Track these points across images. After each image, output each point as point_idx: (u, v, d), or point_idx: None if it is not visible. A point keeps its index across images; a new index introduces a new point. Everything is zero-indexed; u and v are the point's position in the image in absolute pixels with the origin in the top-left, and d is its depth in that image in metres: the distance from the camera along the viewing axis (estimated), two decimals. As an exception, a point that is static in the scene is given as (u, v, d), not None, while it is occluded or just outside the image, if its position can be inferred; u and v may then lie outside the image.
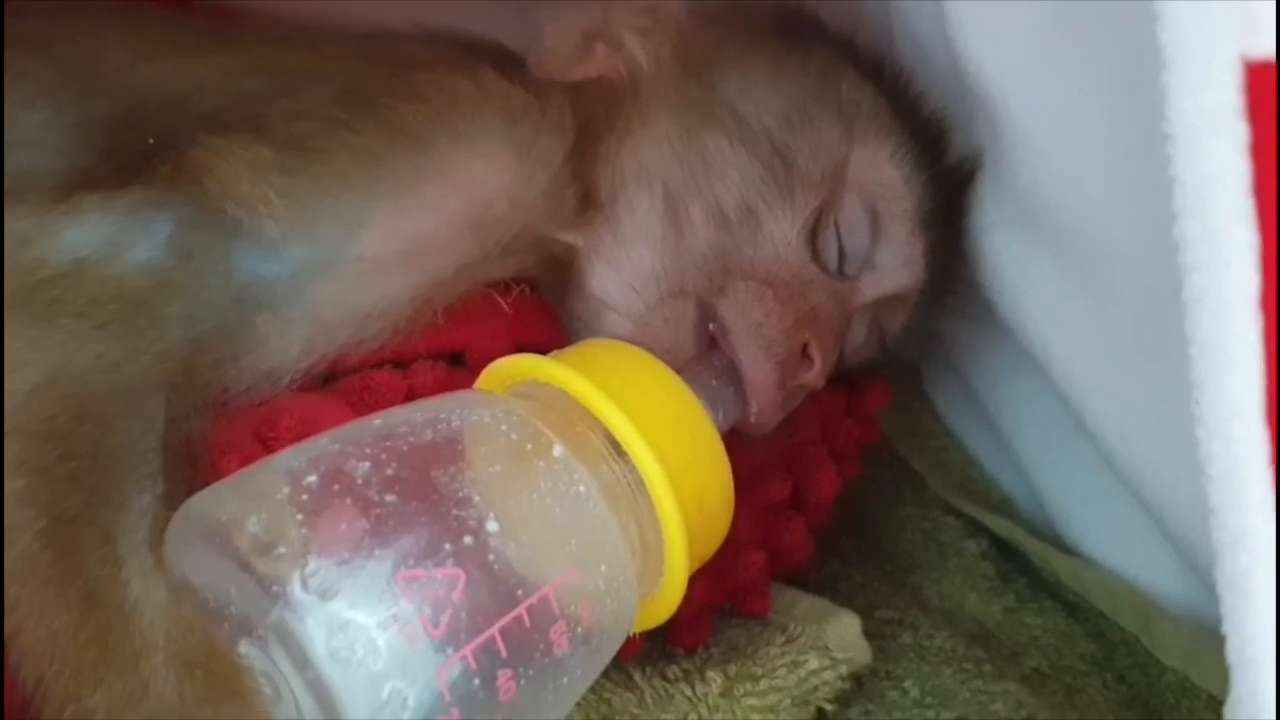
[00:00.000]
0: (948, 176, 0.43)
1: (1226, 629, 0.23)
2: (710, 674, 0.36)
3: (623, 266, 0.39)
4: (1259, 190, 0.21)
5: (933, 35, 0.43)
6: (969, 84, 0.40)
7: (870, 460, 0.50)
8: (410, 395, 0.37)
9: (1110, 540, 0.44)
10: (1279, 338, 0.21)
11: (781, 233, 0.39)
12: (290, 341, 0.36)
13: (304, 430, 0.34)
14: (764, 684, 0.37)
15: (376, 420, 0.31)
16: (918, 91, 0.44)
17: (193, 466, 0.33)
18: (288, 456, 0.29)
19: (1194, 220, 0.21)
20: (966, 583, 0.47)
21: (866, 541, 0.49)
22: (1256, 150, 0.21)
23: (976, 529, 0.49)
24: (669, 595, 0.33)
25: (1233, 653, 0.23)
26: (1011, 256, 0.42)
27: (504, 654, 0.28)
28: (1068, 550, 0.46)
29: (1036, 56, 0.37)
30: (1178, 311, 0.23)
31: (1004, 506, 0.50)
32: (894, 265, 0.41)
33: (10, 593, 0.29)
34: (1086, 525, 0.45)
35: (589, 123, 0.41)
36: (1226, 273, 0.21)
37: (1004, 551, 0.48)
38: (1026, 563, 0.47)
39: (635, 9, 0.44)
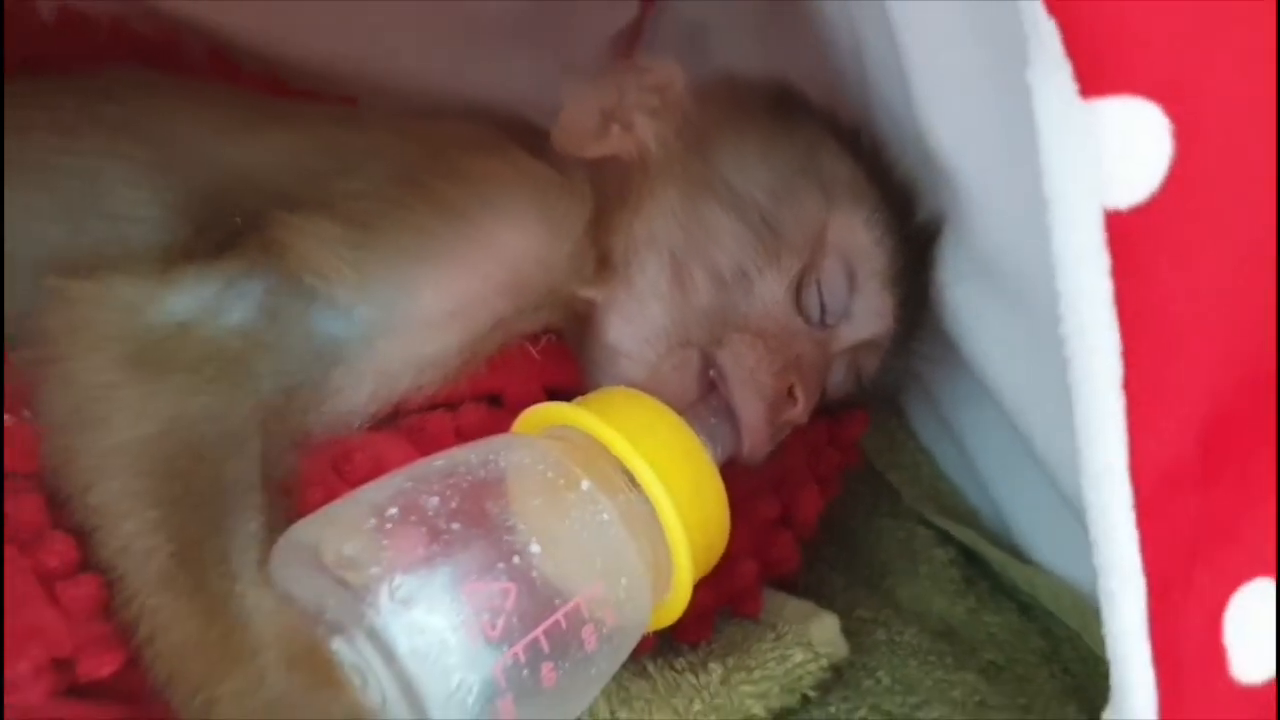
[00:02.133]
0: (915, 237, 0.50)
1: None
2: (712, 665, 0.43)
3: (635, 320, 0.46)
4: (1120, 302, 0.28)
5: (903, 110, 0.49)
6: (931, 155, 0.47)
7: (852, 478, 0.57)
8: (459, 433, 0.44)
9: (1056, 549, 0.51)
10: (1138, 413, 0.28)
11: (771, 291, 0.46)
12: (361, 390, 0.43)
13: (374, 464, 0.41)
14: (757, 674, 0.44)
15: (439, 461, 0.38)
16: (890, 160, 0.51)
17: (286, 496, 0.40)
18: (371, 492, 0.36)
19: (1072, 323, 0.28)
20: (935, 586, 0.53)
21: (848, 550, 0.56)
22: (1116, 274, 0.27)
23: (945, 539, 0.56)
24: (677, 601, 0.40)
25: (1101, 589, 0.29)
26: (969, 306, 0.49)
27: (546, 650, 0.35)
28: (1022, 558, 0.53)
29: (985, 135, 0.44)
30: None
31: (969, 518, 0.57)
32: (868, 315, 0.48)
33: (150, 603, 0.36)
34: (1036, 536, 0.52)
35: (606, 195, 0.48)
36: (1095, 360, 0.28)
37: (969, 558, 0.55)
38: (988, 569, 0.54)
39: (646, 88, 0.51)
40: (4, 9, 0.45)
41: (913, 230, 0.50)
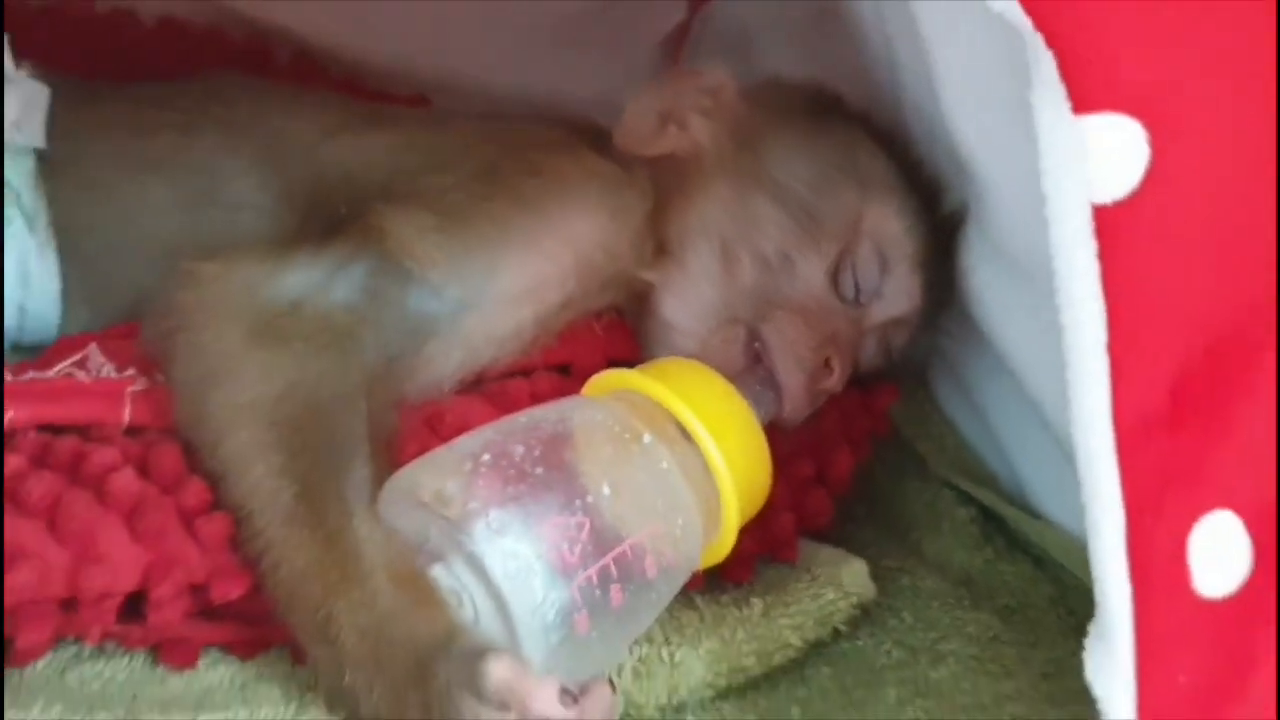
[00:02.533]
0: (941, 225, 0.55)
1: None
2: (754, 600, 0.49)
3: (689, 299, 0.52)
4: (1105, 279, 0.33)
5: (930, 112, 0.55)
6: (955, 152, 0.52)
7: (883, 444, 0.63)
8: (534, 397, 0.50)
9: (1064, 507, 0.56)
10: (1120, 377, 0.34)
11: (810, 273, 0.52)
12: (450, 359, 0.49)
13: (461, 423, 0.48)
14: (793, 609, 0.50)
15: (522, 418, 0.44)
16: (918, 157, 0.57)
17: (388, 448, 0.46)
18: (465, 442, 0.43)
19: (1066, 298, 0.34)
20: (956, 541, 0.59)
21: (878, 508, 0.62)
22: (1102, 256, 0.33)
23: (966, 499, 0.61)
24: (724, 542, 0.46)
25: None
26: (989, 288, 0.54)
27: (615, 575, 0.41)
28: (1035, 515, 0.58)
29: (1000, 136, 0.49)
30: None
31: (989, 481, 0.62)
32: (898, 295, 0.54)
33: (277, 535, 0.42)
34: (1047, 496, 0.57)
35: (663, 188, 0.54)
36: (1084, 328, 0.34)
37: (987, 517, 0.60)
38: (1004, 526, 0.60)
39: (699, 91, 0.56)
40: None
41: (939, 219, 0.55)
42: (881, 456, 0.63)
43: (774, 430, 0.50)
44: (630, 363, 0.50)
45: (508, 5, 0.75)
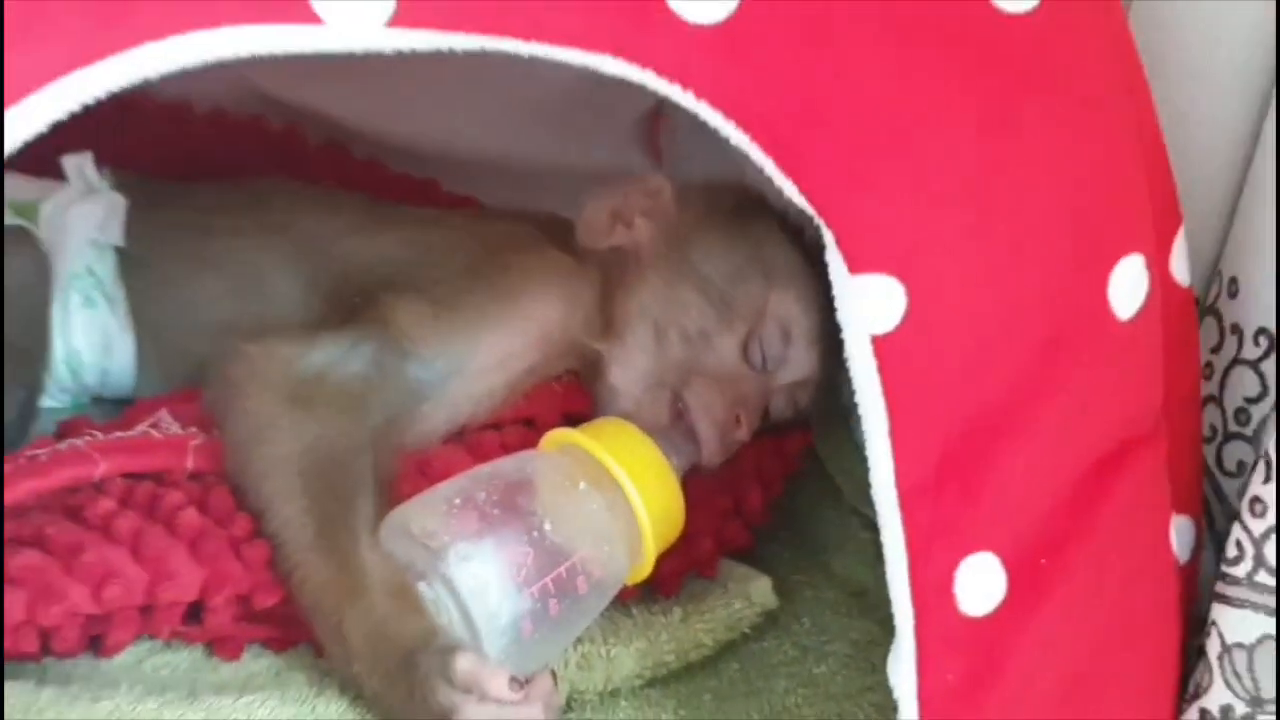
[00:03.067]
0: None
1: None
2: (675, 609, 0.62)
3: (628, 367, 0.65)
4: (885, 387, 0.46)
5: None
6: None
7: (807, 477, 0.76)
8: (504, 447, 0.63)
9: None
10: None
11: (725, 348, 0.65)
12: (438, 417, 0.63)
13: (445, 469, 0.61)
14: (708, 616, 0.63)
15: (487, 469, 0.58)
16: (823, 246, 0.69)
17: (388, 488, 0.60)
18: (443, 488, 0.56)
19: (861, 399, 0.47)
20: (857, 559, 0.71)
21: (797, 532, 0.74)
22: (881, 371, 0.46)
23: (871, 525, 0.74)
24: (645, 565, 0.59)
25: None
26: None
27: (552, 591, 0.54)
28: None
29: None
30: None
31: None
32: (799, 363, 0.67)
33: (302, 559, 0.56)
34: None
35: (612, 275, 0.67)
36: (873, 421, 0.47)
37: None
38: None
39: (643, 193, 0.70)
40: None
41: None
42: (805, 487, 0.76)
43: (696, 473, 0.64)
44: (583, 417, 0.64)
45: (505, 87, 0.88)
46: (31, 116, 0.39)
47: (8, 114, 0.38)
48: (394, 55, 0.42)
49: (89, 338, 0.66)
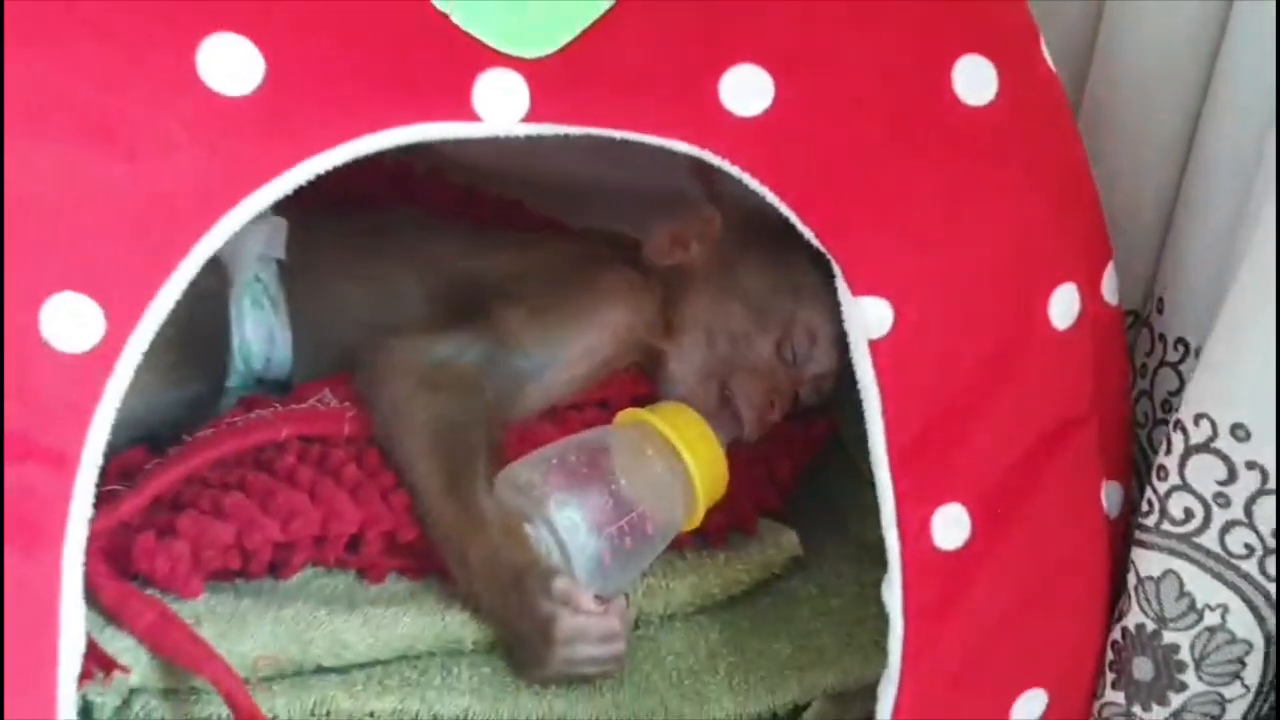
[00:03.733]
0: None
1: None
2: (720, 554, 0.79)
3: (684, 362, 0.82)
4: (880, 378, 0.63)
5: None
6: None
7: (833, 456, 0.92)
8: (584, 424, 0.80)
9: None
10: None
11: (762, 348, 0.82)
12: (535, 398, 0.80)
13: (540, 439, 0.78)
14: (746, 560, 0.79)
15: (575, 438, 0.75)
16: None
17: (497, 453, 0.77)
18: (544, 451, 0.74)
19: (861, 386, 0.63)
20: (869, 519, 0.87)
21: (820, 496, 0.91)
22: (877, 369, 0.62)
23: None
24: (696, 517, 0.76)
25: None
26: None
27: (626, 531, 0.71)
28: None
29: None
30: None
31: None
32: (822, 359, 0.83)
33: (434, 505, 0.73)
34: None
35: (672, 287, 0.84)
36: (870, 405, 0.63)
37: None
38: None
39: (697, 221, 0.86)
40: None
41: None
42: (828, 461, 0.92)
43: (738, 446, 0.81)
44: (648, 400, 0.81)
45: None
46: (259, 203, 0.55)
47: (247, 201, 0.54)
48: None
49: (257, 332, 0.84)
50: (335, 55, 0.53)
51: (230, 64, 0.52)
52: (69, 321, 0.51)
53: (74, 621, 0.54)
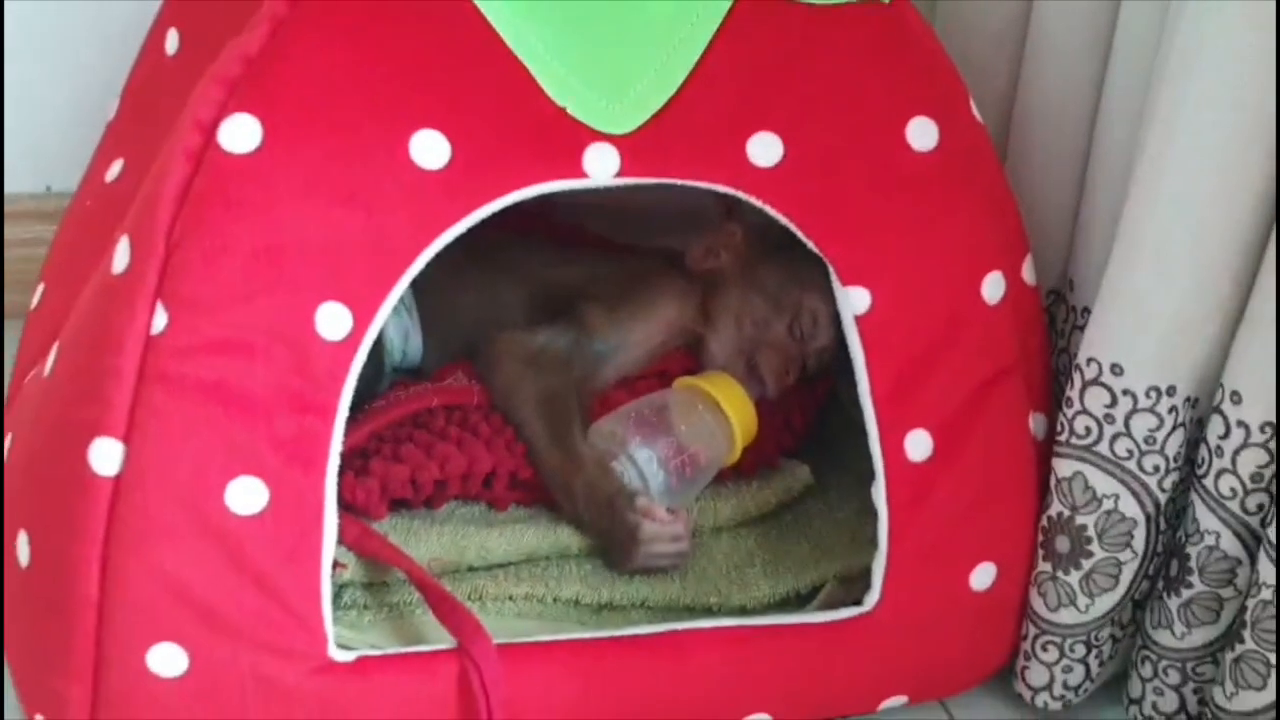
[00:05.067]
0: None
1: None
2: (754, 482, 1.06)
3: (720, 342, 1.09)
4: (865, 344, 0.90)
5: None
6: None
7: (832, 407, 1.19)
8: (648, 390, 1.07)
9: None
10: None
11: (777, 329, 1.08)
12: (610, 374, 1.06)
13: (617, 403, 1.05)
14: (772, 487, 1.06)
15: (644, 400, 1.02)
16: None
17: (587, 413, 1.04)
18: (623, 409, 1.01)
19: (851, 351, 0.90)
20: (862, 455, 1.14)
21: (825, 439, 1.17)
22: (861, 334, 0.89)
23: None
24: (734, 455, 1.03)
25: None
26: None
27: (686, 464, 0.98)
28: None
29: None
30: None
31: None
32: (823, 336, 1.10)
33: (544, 452, 1.00)
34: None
35: (710, 286, 1.11)
36: (858, 364, 0.90)
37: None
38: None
39: (725, 235, 1.13)
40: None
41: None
42: (830, 412, 1.19)
43: (764, 402, 1.08)
44: (695, 370, 1.08)
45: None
46: (446, 240, 0.82)
47: (439, 239, 0.81)
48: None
49: (396, 331, 1.10)
50: (496, 138, 0.80)
51: (429, 150, 0.79)
52: (331, 321, 0.78)
53: (330, 520, 0.81)
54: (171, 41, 1.06)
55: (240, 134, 0.76)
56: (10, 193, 1.36)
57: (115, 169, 1.06)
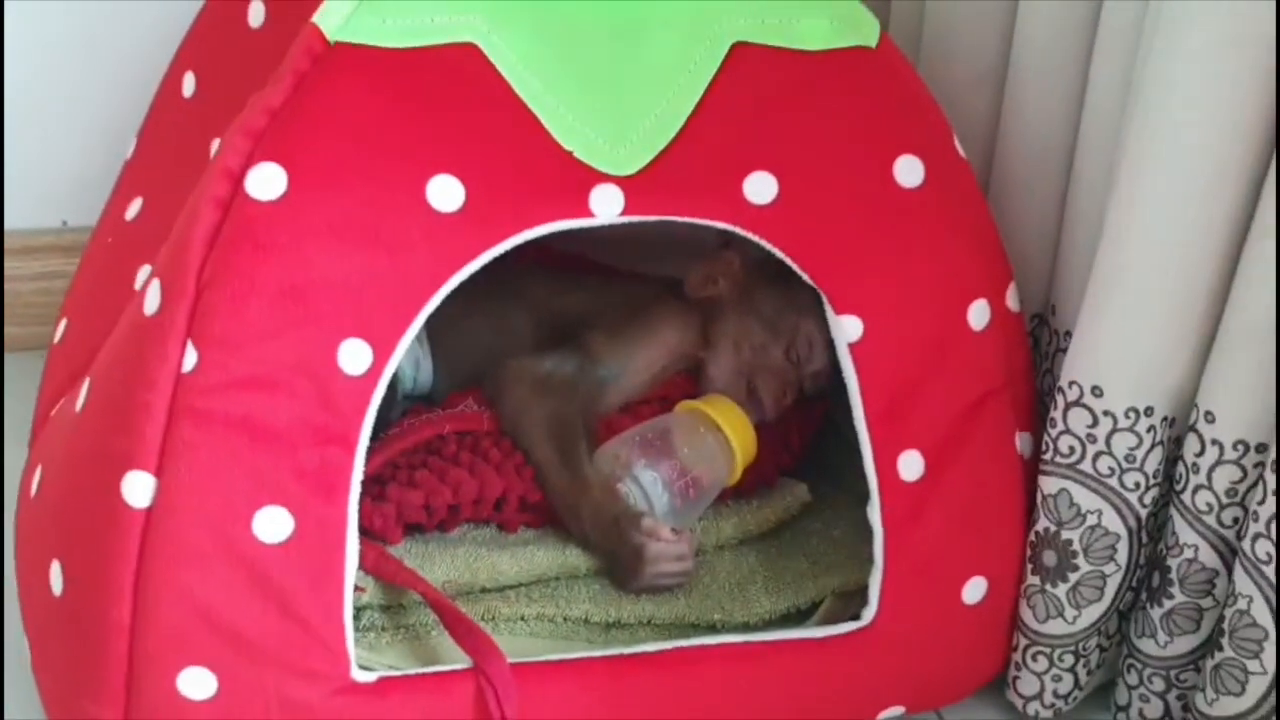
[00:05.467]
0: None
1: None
2: (753, 501, 1.10)
3: (719, 366, 1.13)
4: (858, 369, 0.95)
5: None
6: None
7: (832, 429, 1.23)
8: (651, 414, 1.11)
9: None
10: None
11: (775, 353, 1.12)
12: (614, 399, 1.11)
13: (619, 427, 1.09)
14: (771, 506, 1.10)
15: (647, 424, 1.06)
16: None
17: (592, 438, 1.08)
18: (627, 434, 1.05)
19: (846, 380, 0.95)
20: (857, 475, 1.19)
21: (821, 460, 1.22)
22: (855, 360, 0.94)
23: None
24: (735, 476, 1.07)
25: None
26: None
27: (689, 485, 1.03)
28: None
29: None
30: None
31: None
32: (818, 360, 1.14)
33: (552, 476, 1.04)
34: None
35: (707, 312, 1.15)
36: (852, 388, 0.94)
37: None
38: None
39: (723, 264, 1.17)
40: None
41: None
42: (832, 433, 1.24)
43: (762, 424, 1.12)
44: (696, 395, 1.12)
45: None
46: (461, 277, 0.86)
47: (455, 276, 0.86)
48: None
49: (408, 359, 1.15)
50: (508, 181, 0.85)
51: (445, 193, 0.84)
52: (353, 356, 0.83)
53: (352, 546, 0.85)
54: (188, 85, 1.11)
55: (266, 182, 0.81)
56: (27, 228, 1.41)
57: (135, 208, 1.10)
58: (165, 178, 1.08)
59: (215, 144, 0.97)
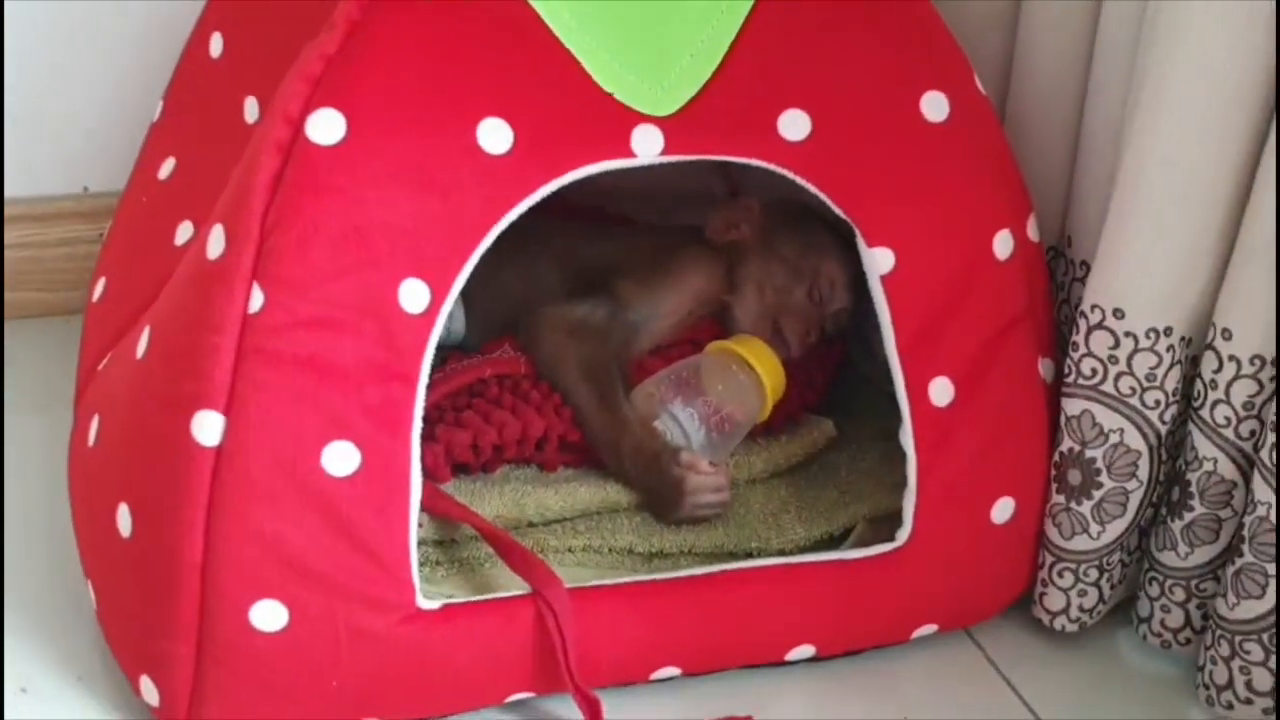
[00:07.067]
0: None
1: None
2: (782, 436, 1.14)
3: (744, 309, 1.16)
4: (890, 299, 0.98)
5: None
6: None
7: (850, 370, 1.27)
8: (683, 354, 1.15)
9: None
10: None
11: (797, 295, 1.16)
12: (646, 342, 1.14)
13: (653, 369, 1.12)
14: (799, 440, 1.14)
15: (680, 364, 1.10)
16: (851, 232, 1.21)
17: (627, 379, 1.11)
18: (661, 373, 1.09)
19: (877, 307, 0.98)
20: (877, 409, 1.22)
21: (848, 396, 1.26)
22: (887, 291, 0.97)
23: (883, 390, 1.25)
24: (766, 412, 1.11)
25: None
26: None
27: (723, 419, 1.07)
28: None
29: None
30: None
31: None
32: (840, 299, 1.18)
33: (591, 415, 1.07)
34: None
35: (732, 256, 1.19)
36: (884, 319, 0.98)
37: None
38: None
39: (744, 209, 1.21)
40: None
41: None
42: (850, 376, 1.27)
43: (787, 362, 1.16)
44: (723, 336, 1.16)
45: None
46: (510, 218, 0.90)
47: (504, 218, 0.89)
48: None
49: (440, 311, 1.18)
50: (552, 123, 0.88)
51: (495, 136, 0.87)
52: (413, 295, 0.86)
53: (416, 478, 0.88)
54: (215, 45, 1.13)
55: (326, 127, 0.83)
56: (49, 194, 1.42)
57: (167, 167, 1.13)
58: (197, 137, 1.11)
59: (248, 101, 1.00)
